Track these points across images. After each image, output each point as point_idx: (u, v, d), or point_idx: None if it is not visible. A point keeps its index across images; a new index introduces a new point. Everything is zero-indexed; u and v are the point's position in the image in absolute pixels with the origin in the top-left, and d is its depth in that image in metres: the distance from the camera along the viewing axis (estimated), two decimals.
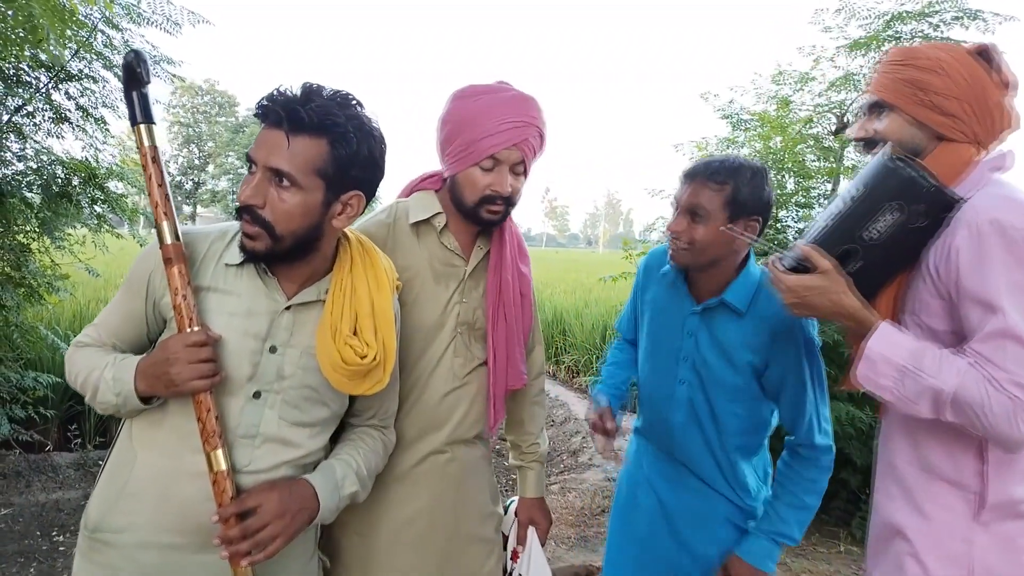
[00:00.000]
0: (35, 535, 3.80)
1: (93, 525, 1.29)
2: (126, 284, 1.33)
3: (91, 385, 1.27)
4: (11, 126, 4.12)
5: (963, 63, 1.29)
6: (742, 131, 4.80)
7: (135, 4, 4.17)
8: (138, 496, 1.26)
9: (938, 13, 4.25)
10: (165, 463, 1.26)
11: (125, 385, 1.23)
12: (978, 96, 1.28)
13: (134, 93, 1.24)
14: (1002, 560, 1.22)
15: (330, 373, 1.28)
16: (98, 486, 1.33)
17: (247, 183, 1.22)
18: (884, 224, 1.28)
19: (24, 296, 4.39)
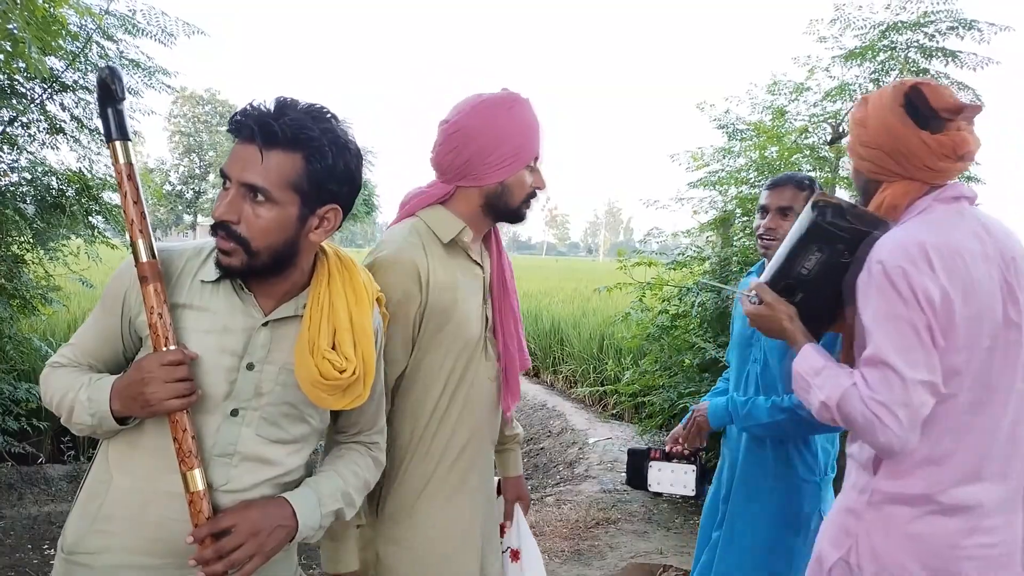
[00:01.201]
0: (27, 548, 3.77)
1: (69, 547, 1.27)
2: (101, 302, 1.32)
3: (67, 406, 1.25)
4: (5, 137, 4.12)
5: (882, 113, 1.43)
6: (738, 141, 4.80)
7: (130, 15, 4.18)
8: (113, 518, 1.24)
9: (933, 23, 4.25)
10: (141, 484, 1.24)
11: (100, 406, 1.21)
12: (894, 144, 1.41)
13: (109, 109, 1.23)
14: (883, 537, 1.39)
15: (309, 389, 1.26)
16: (75, 507, 1.31)
17: (221, 199, 1.21)
18: (812, 262, 1.52)
19: (17, 307, 4.38)
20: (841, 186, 4.40)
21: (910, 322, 1.30)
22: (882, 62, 4.40)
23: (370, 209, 24.63)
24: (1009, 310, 1.35)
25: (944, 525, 1.36)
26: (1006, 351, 1.35)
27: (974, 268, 1.32)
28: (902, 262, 1.31)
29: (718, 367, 4.01)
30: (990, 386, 1.35)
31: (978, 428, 1.35)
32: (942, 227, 1.36)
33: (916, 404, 1.28)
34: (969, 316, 1.31)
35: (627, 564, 3.37)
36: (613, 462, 5.30)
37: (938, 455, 1.36)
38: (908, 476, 1.38)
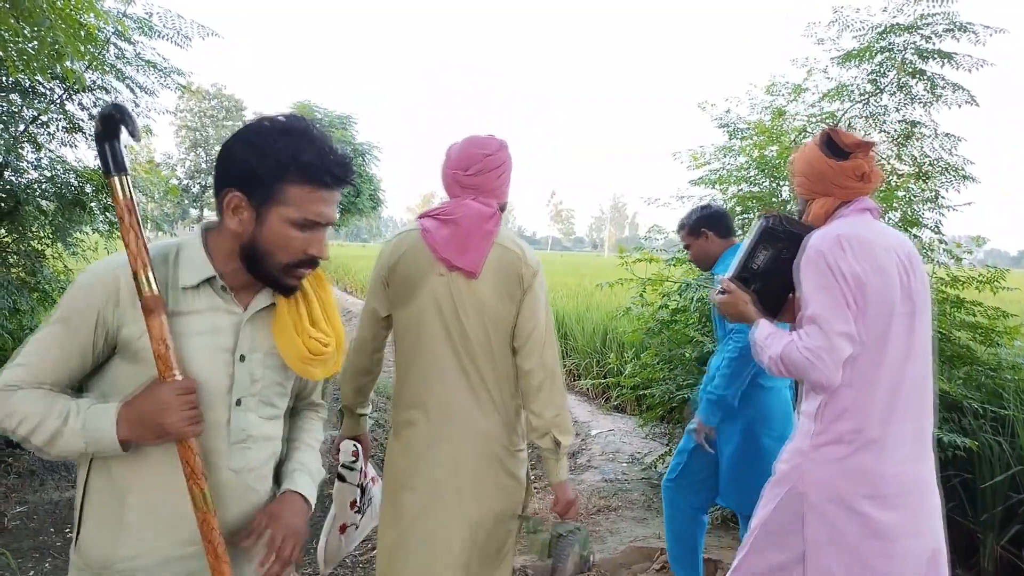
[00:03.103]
0: (49, 532, 3.92)
1: (100, 564, 1.32)
2: (63, 322, 1.28)
3: (45, 433, 1.24)
4: (27, 136, 4.27)
5: (807, 151, 1.99)
6: (738, 140, 4.90)
7: (147, 18, 4.31)
8: (141, 524, 1.32)
9: (930, 26, 4.33)
10: (162, 492, 1.32)
11: (103, 433, 1.24)
12: (811, 171, 1.96)
13: (107, 145, 1.24)
14: (823, 470, 1.83)
15: (300, 366, 1.41)
16: (85, 531, 1.33)
17: (322, 239, 1.36)
18: (761, 259, 2.02)
19: (38, 300, 4.53)
20: None
21: (831, 290, 1.78)
22: (879, 63, 4.49)
23: (376, 204, 24.69)
24: (906, 288, 1.82)
25: (866, 458, 1.79)
26: (904, 321, 1.81)
27: (880, 255, 1.80)
28: (824, 248, 1.81)
29: None
30: (893, 347, 1.80)
31: (885, 380, 1.79)
32: (853, 226, 1.86)
33: (837, 349, 1.76)
34: (877, 290, 1.78)
35: (626, 547, 3.51)
36: (615, 453, 5.43)
37: (858, 403, 1.80)
38: (839, 421, 1.82)
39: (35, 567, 3.53)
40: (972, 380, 3.95)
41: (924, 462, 1.87)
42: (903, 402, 1.80)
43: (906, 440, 1.82)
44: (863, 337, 1.77)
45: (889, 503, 1.79)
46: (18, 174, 4.34)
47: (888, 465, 1.79)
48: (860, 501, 1.78)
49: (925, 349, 1.87)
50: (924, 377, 1.86)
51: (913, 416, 1.83)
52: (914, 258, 1.88)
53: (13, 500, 4.15)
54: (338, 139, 16.60)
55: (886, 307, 1.78)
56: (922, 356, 1.86)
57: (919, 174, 4.44)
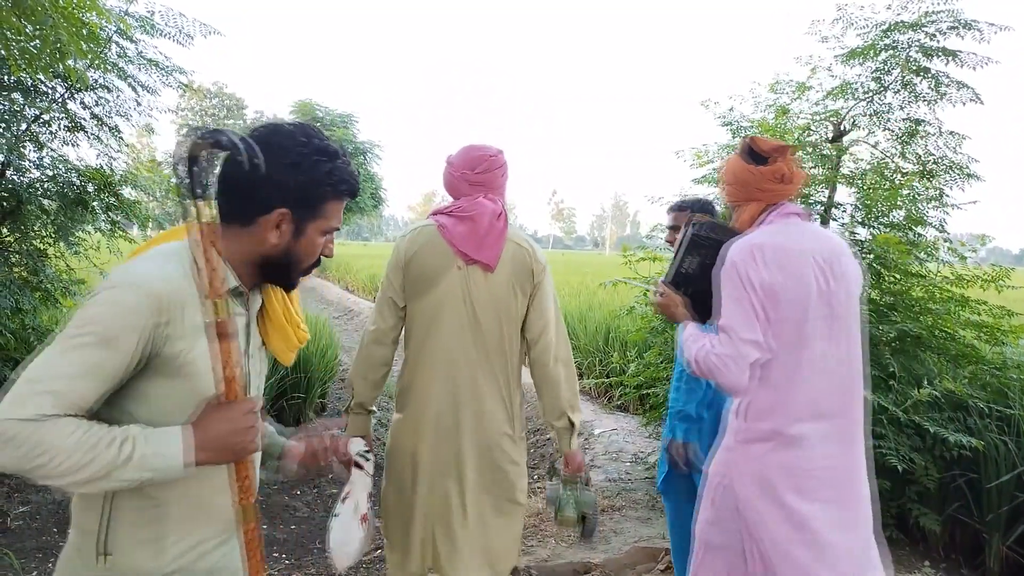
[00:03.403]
0: (52, 532, 3.92)
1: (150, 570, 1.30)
2: (106, 343, 1.17)
3: (95, 467, 1.13)
4: (29, 135, 4.25)
5: (730, 163, 2.07)
6: (742, 138, 4.88)
7: (149, 16, 4.30)
8: (183, 530, 1.33)
9: (934, 23, 4.32)
10: (196, 493, 1.33)
11: (169, 461, 1.19)
12: (735, 179, 2.04)
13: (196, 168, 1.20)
14: (747, 466, 1.92)
15: (286, 355, 1.52)
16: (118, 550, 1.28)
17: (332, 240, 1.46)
18: (691, 263, 2.14)
19: (40, 300, 4.52)
20: (842, 183, 4.49)
21: (741, 300, 1.86)
22: (884, 61, 4.48)
23: (377, 203, 24.73)
24: (823, 292, 1.88)
25: (788, 454, 1.88)
26: (823, 323, 1.88)
27: (795, 261, 1.87)
28: (737, 258, 1.89)
29: None
30: (811, 350, 1.87)
31: (804, 381, 1.88)
32: (772, 233, 1.93)
33: (744, 356, 1.85)
34: (790, 297, 1.85)
35: (630, 548, 3.50)
36: (618, 452, 5.42)
37: (777, 402, 1.89)
38: (760, 420, 1.92)
39: (38, 567, 3.52)
40: (977, 379, 3.94)
41: (849, 457, 1.94)
42: (825, 401, 1.89)
43: (829, 437, 1.90)
44: (775, 343, 1.87)
45: (813, 497, 1.87)
46: (20, 173, 4.33)
47: (810, 461, 1.88)
48: (785, 495, 1.87)
49: (850, 349, 1.93)
50: (849, 376, 1.93)
51: (836, 414, 1.91)
52: (836, 261, 1.92)
53: (16, 500, 4.14)
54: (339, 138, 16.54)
55: (800, 312, 1.86)
56: (846, 355, 1.92)
57: (923, 172, 4.43)
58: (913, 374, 3.95)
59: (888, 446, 3.49)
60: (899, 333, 3.88)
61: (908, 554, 3.77)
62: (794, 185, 2.01)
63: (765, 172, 1.98)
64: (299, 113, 21.31)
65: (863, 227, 4.39)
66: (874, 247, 4.04)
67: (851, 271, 1.95)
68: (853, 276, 1.95)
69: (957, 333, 4.05)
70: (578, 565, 3.35)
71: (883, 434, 3.57)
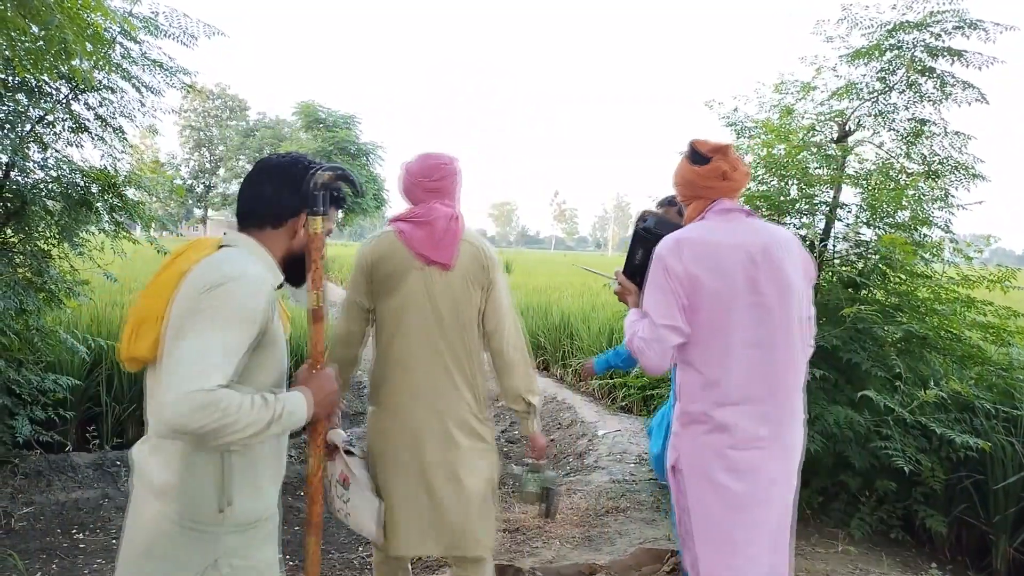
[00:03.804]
0: (56, 533, 3.92)
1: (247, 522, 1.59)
2: (249, 323, 1.47)
3: (257, 426, 1.44)
4: (33, 136, 4.25)
5: (678, 165, 2.22)
6: (746, 138, 4.87)
7: (153, 17, 4.29)
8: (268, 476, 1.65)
9: (939, 23, 4.30)
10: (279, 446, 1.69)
11: (298, 417, 1.56)
12: (681, 179, 2.21)
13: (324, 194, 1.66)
14: (686, 446, 2.08)
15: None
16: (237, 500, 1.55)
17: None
18: (640, 255, 2.29)
19: (44, 300, 4.51)
20: (847, 183, 4.48)
21: (664, 289, 2.02)
22: (889, 61, 4.46)
23: (380, 204, 24.72)
24: (752, 282, 2.00)
25: (720, 436, 2.01)
26: (751, 311, 1.99)
27: (720, 254, 2.01)
28: (663, 251, 2.06)
29: None
30: (739, 336, 1.99)
31: (733, 366, 1.99)
32: (703, 228, 2.09)
33: (663, 340, 2.01)
34: (714, 286, 1.98)
35: (635, 549, 3.48)
36: (622, 453, 5.41)
37: (706, 385, 2.02)
38: (692, 401, 2.07)
39: (42, 568, 3.52)
40: (984, 380, 3.92)
41: (779, 438, 2.04)
42: (753, 385, 2.00)
43: (757, 420, 2.00)
44: (700, 329, 2.02)
45: (742, 476, 2.00)
46: (25, 174, 4.32)
47: (740, 441, 2.00)
48: (717, 473, 2.01)
49: (784, 336, 2.02)
50: (783, 361, 2.02)
51: (765, 398, 2.01)
52: (771, 252, 2.03)
53: (20, 501, 4.14)
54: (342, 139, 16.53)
55: (724, 301, 1.99)
56: (781, 341, 2.02)
57: (929, 173, 4.42)
58: (919, 375, 3.93)
59: (894, 447, 3.47)
60: (905, 334, 3.87)
61: (914, 556, 3.76)
62: (736, 182, 2.14)
63: (706, 171, 2.13)
64: (302, 114, 21.32)
65: (868, 227, 4.37)
66: (879, 248, 4.03)
67: (787, 263, 2.04)
68: (790, 267, 2.04)
69: (963, 334, 4.04)
70: (583, 567, 3.33)
71: (889, 435, 3.56)
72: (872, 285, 4.18)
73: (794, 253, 2.09)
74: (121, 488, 4.48)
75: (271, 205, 1.65)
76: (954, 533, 3.83)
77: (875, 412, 3.72)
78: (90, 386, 5.23)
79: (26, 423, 4.37)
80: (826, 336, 3.78)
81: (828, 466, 3.95)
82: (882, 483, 3.77)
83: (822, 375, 3.72)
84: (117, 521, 4.12)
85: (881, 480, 3.78)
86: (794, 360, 2.05)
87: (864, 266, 4.26)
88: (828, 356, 3.93)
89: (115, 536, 3.94)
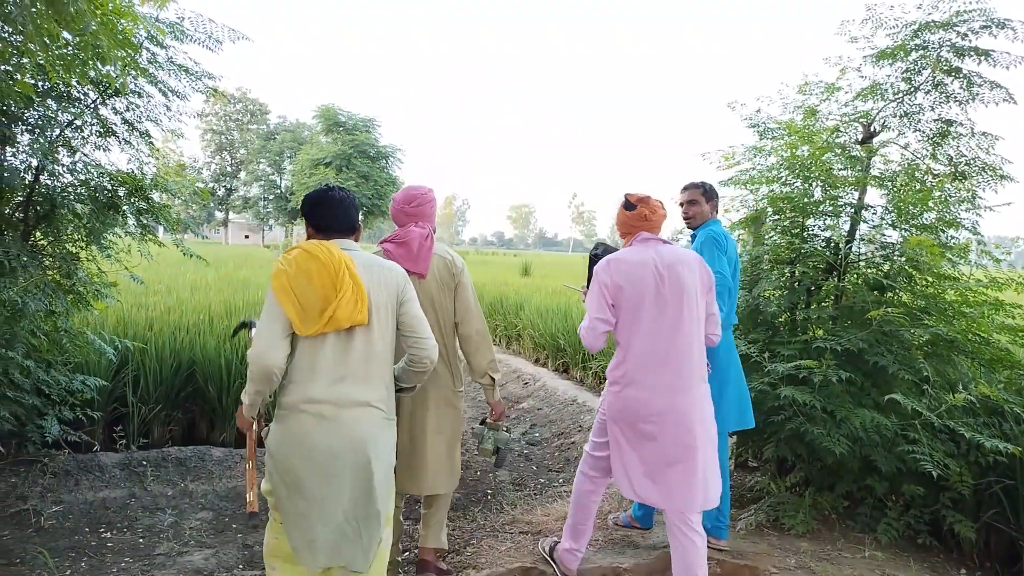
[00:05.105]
0: (84, 531, 3.97)
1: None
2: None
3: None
4: (62, 140, 4.31)
5: (618, 211, 3.12)
6: (769, 140, 4.84)
7: (179, 22, 4.34)
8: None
9: (966, 22, 4.26)
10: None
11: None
12: (618, 221, 3.12)
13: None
14: (611, 400, 2.97)
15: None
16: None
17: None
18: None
19: (73, 302, 4.58)
20: (872, 185, 4.44)
21: (597, 294, 2.92)
22: (914, 61, 4.42)
23: None
24: (658, 286, 2.84)
25: (632, 392, 2.88)
26: (655, 308, 2.84)
27: (635, 268, 2.88)
28: (599, 269, 2.96)
29: (749, 362, 4.08)
30: (646, 325, 2.85)
31: (640, 345, 2.86)
32: (629, 252, 2.96)
33: (594, 328, 2.90)
34: (628, 292, 2.86)
35: (658, 553, 3.47)
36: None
37: (624, 359, 2.92)
38: (615, 369, 2.97)
39: (71, 566, 3.57)
40: (1013, 384, 3.87)
41: (680, 397, 2.82)
42: (653, 358, 2.84)
43: (659, 385, 2.83)
44: (621, 320, 2.90)
45: (647, 420, 2.84)
46: (54, 178, 4.39)
47: (649, 397, 2.84)
48: (631, 420, 2.89)
49: (684, 326, 2.83)
50: (677, 341, 2.82)
51: (665, 368, 2.83)
52: (674, 267, 2.87)
53: (49, 500, 4.20)
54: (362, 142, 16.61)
55: (637, 300, 2.86)
56: (676, 327, 2.83)
57: (955, 174, 4.37)
58: (946, 378, 3.89)
59: (922, 451, 3.43)
60: (932, 336, 3.83)
61: (942, 562, 3.71)
62: (653, 222, 3.02)
63: (633, 215, 3.04)
64: (322, 118, 21.46)
65: (894, 229, 4.33)
66: (906, 250, 3.99)
67: (685, 274, 2.86)
68: (687, 277, 2.87)
69: (991, 337, 3.99)
70: (607, 570, 3.32)
71: (917, 439, 3.52)
72: (898, 287, 4.13)
73: (694, 268, 2.90)
74: (148, 488, 4.53)
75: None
76: (983, 539, 3.77)
77: (902, 416, 3.68)
78: (117, 387, 5.29)
79: (55, 423, 4.44)
80: (851, 339, 3.75)
81: (854, 470, 3.91)
82: (910, 488, 3.73)
83: (848, 378, 3.68)
84: (144, 520, 4.16)
85: (909, 485, 3.73)
86: (687, 340, 2.83)
87: (890, 268, 4.21)
88: (854, 359, 3.89)
89: (142, 535, 3.99)
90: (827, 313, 4.23)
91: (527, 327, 10.45)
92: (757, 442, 4.56)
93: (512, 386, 8.43)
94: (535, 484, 5.26)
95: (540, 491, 5.07)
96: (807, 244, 4.39)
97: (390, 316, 2.46)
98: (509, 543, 3.76)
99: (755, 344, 4.21)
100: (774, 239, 4.63)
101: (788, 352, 3.97)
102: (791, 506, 3.95)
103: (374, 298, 2.40)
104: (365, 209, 19.50)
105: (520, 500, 4.79)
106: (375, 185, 20.90)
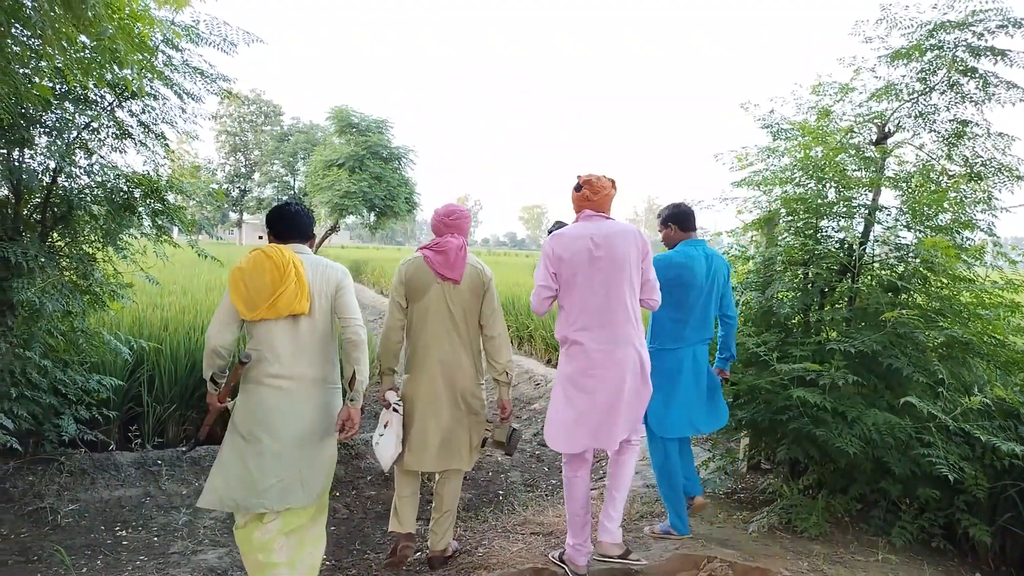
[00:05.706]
0: (100, 530, 4.01)
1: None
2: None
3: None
4: (79, 142, 4.36)
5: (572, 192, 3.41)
6: (783, 141, 4.82)
7: (194, 25, 4.38)
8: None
9: (982, 22, 4.22)
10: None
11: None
12: (572, 199, 3.40)
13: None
14: (561, 356, 3.36)
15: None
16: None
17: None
18: None
19: (89, 303, 4.63)
20: (886, 185, 4.41)
21: (543, 263, 3.28)
22: (929, 61, 4.39)
23: (411, 207, 24.85)
24: (592, 256, 3.17)
25: (573, 348, 3.25)
26: (588, 274, 3.18)
27: (573, 242, 3.21)
28: (544, 244, 3.30)
29: (759, 361, 4.06)
30: (580, 289, 3.19)
31: (576, 306, 3.21)
32: (573, 227, 3.30)
33: (539, 293, 3.28)
34: (567, 260, 3.20)
35: (671, 555, 3.46)
36: None
37: (565, 320, 3.26)
38: (560, 331, 3.31)
39: (87, 564, 3.61)
40: None
41: (616, 351, 3.17)
42: (589, 318, 3.19)
43: (596, 341, 3.18)
44: (561, 286, 3.25)
45: (587, 374, 3.20)
46: (71, 180, 4.44)
47: (588, 352, 3.19)
48: (573, 373, 3.24)
49: (613, 288, 3.17)
50: (612, 303, 3.17)
51: (600, 326, 3.18)
52: (609, 237, 3.20)
53: (66, 498, 4.25)
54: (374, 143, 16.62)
55: (575, 268, 3.19)
56: (611, 291, 3.17)
57: (971, 175, 4.33)
58: (962, 381, 3.85)
59: (937, 454, 3.41)
60: (947, 339, 3.80)
61: (957, 565, 3.68)
62: (594, 201, 3.32)
63: (579, 196, 3.37)
64: (335, 119, 21.49)
65: (908, 230, 4.30)
66: (920, 251, 3.96)
67: (619, 244, 3.18)
68: (621, 246, 3.18)
69: (1008, 339, 3.95)
70: (618, 571, 3.32)
71: (931, 442, 3.49)
72: (913, 289, 4.10)
73: (628, 238, 3.21)
74: (162, 487, 4.57)
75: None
76: (998, 543, 3.74)
77: (916, 418, 3.65)
78: (132, 386, 5.34)
79: (71, 422, 4.49)
80: (865, 341, 3.72)
81: (867, 472, 3.89)
82: (925, 491, 3.70)
83: (857, 380, 3.66)
84: (159, 519, 4.20)
85: (924, 488, 3.71)
86: (622, 303, 3.17)
87: (904, 270, 4.19)
88: (868, 361, 3.87)
89: (157, 534, 4.03)
90: (841, 315, 4.21)
91: (539, 328, 10.46)
92: (770, 444, 4.54)
93: (524, 387, 8.43)
94: (546, 485, 5.26)
95: (551, 492, 5.08)
96: (821, 245, 4.36)
97: (329, 303, 3.06)
98: (520, 544, 3.77)
99: (767, 344, 4.18)
100: (787, 240, 4.61)
101: (801, 353, 3.96)
102: (804, 509, 3.93)
103: (316, 289, 3.01)
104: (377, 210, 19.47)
105: (532, 501, 4.80)
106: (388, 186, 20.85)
